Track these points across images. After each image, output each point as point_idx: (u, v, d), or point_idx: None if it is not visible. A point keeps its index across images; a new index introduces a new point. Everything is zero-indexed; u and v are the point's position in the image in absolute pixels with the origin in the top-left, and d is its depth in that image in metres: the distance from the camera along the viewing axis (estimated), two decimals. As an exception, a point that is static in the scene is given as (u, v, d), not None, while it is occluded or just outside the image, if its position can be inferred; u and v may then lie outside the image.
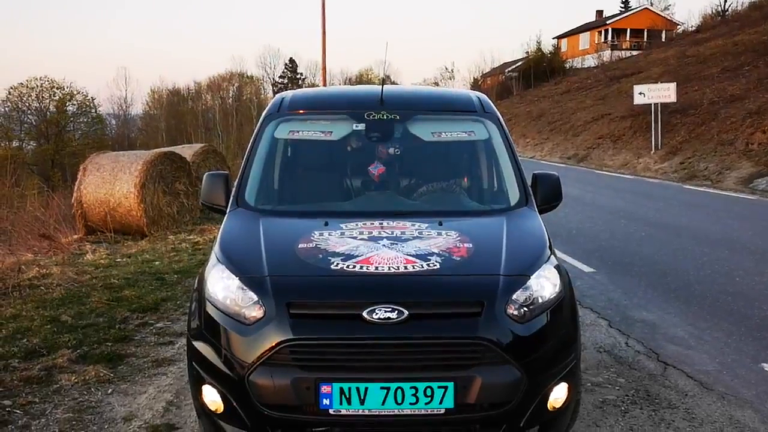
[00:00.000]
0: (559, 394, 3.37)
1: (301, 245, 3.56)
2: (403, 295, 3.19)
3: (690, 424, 4.16)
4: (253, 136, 4.60)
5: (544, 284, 3.44)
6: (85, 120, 53.25)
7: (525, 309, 3.28)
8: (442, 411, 3.10)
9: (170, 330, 6.01)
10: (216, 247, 3.74)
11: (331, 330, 3.16)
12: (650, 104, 23.92)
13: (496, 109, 4.84)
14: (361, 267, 3.33)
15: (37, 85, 50.50)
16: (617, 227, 11.63)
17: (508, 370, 3.16)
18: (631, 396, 4.58)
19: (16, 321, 6.16)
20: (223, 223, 4.03)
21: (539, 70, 54.64)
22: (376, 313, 3.10)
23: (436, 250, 3.49)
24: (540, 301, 3.36)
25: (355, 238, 3.64)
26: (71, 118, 52.40)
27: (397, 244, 3.56)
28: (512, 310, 3.24)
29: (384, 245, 3.54)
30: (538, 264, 3.52)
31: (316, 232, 3.71)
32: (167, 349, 5.53)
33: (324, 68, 25.25)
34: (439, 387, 3.09)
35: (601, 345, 5.65)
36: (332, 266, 3.34)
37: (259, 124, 4.68)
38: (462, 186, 4.62)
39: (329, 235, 3.68)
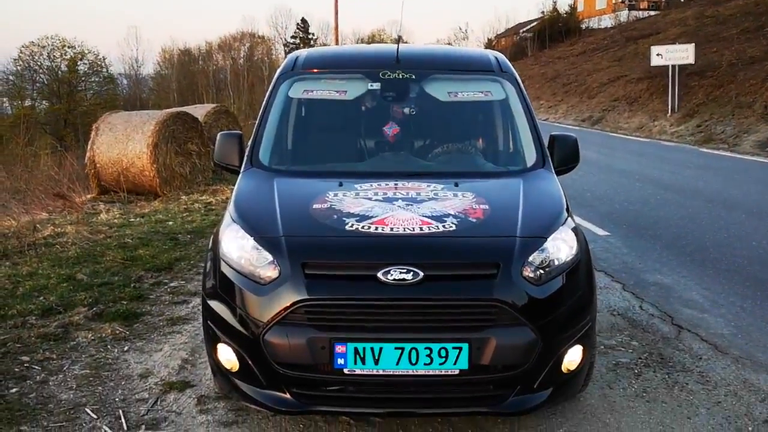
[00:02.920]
0: (573, 357, 3.37)
1: (315, 206, 3.54)
2: (419, 257, 3.18)
3: (704, 387, 4.15)
4: (266, 95, 4.55)
5: (561, 246, 3.41)
6: (97, 80, 53.03)
7: (541, 271, 3.26)
8: (457, 372, 3.11)
9: (184, 289, 6.04)
10: (230, 207, 3.73)
11: (346, 290, 3.16)
12: (667, 66, 23.53)
13: (513, 69, 4.76)
14: (377, 228, 3.31)
15: (48, 44, 50.16)
16: (632, 190, 11.54)
17: (523, 332, 3.15)
18: (644, 359, 4.57)
19: (33, 279, 6.22)
20: (237, 183, 4.02)
21: (554, 31, 53.79)
22: (391, 274, 3.09)
23: (452, 212, 3.46)
24: (556, 263, 3.34)
25: (369, 198, 3.62)
26: (83, 78, 52.18)
27: (412, 205, 3.54)
28: (528, 272, 3.22)
29: (399, 206, 3.52)
30: (555, 226, 3.49)
31: (330, 193, 3.68)
32: (182, 308, 5.57)
33: (336, 28, 24.98)
34: (454, 348, 3.09)
35: (614, 308, 5.63)
36: (347, 227, 3.32)
37: (272, 83, 4.63)
38: (478, 147, 4.57)
39: (344, 195, 3.66)
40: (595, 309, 3.66)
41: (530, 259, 3.27)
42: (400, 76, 4.51)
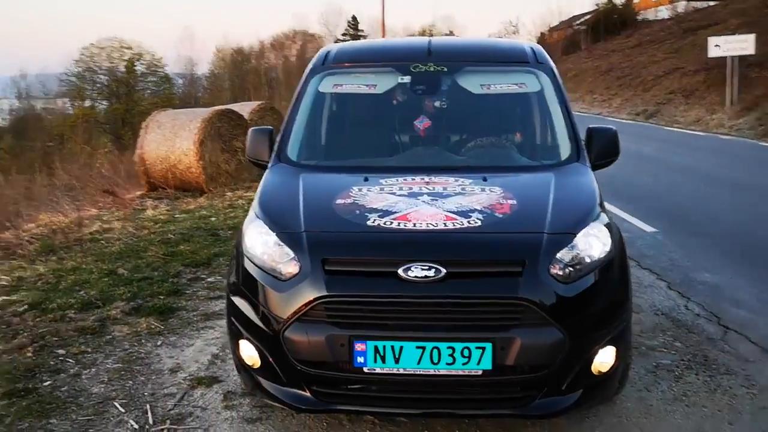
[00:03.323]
0: (605, 358, 3.23)
1: (338, 201, 3.48)
2: (441, 253, 3.09)
3: (748, 391, 3.94)
4: (297, 90, 4.52)
5: (592, 243, 3.27)
6: (154, 80, 54.27)
7: (570, 269, 3.13)
8: (480, 372, 3.01)
9: (221, 285, 6.06)
10: (255, 203, 3.71)
11: (366, 287, 3.09)
12: (726, 57, 22.69)
13: (550, 60, 4.62)
14: (399, 223, 3.23)
15: (107, 46, 51.61)
16: (685, 186, 11.15)
17: (549, 332, 3.03)
18: (687, 361, 4.38)
19: (76, 273, 6.35)
20: (263, 178, 3.99)
21: (609, 23, 52.50)
22: (412, 271, 3.01)
23: (478, 207, 3.36)
24: (587, 260, 3.20)
25: (394, 194, 3.54)
26: (140, 78, 53.52)
27: (437, 200, 3.45)
28: (556, 270, 3.10)
29: (424, 201, 3.43)
30: (585, 221, 3.35)
31: (354, 188, 3.62)
32: (216, 303, 5.59)
33: (383, 24, 24.94)
34: (477, 348, 2.99)
35: (658, 307, 5.42)
36: (368, 222, 3.26)
37: (303, 78, 4.60)
38: (511, 140, 4.45)
39: (368, 190, 3.59)
40: (630, 308, 3.49)
41: (558, 256, 3.14)
42: (432, 69, 4.42)
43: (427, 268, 3.02)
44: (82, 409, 3.80)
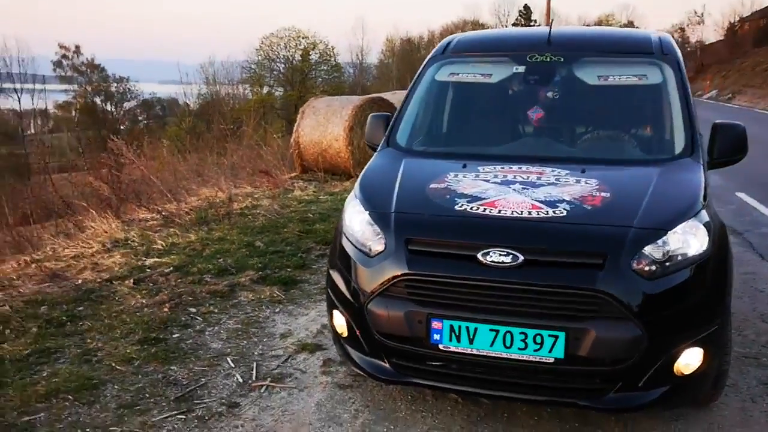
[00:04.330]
0: (689, 359, 3.13)
1: (432, 185, 3.62)
2: (520, 240, 3.14)
3: None
4: (414, 77, 4.69)
5: (686, 240, 3.17)
6: (325, 68, 56.74)
7: (657, 265, 3.07)
8: (551, 360, 3.04)
9: (345, 262, 6.39)
10: (357, 183, 3.93)
11: (446, 268, 3.21)
12: None
13: (678, 51, 4.44)
14: (485, 209, 3.32)
15: (285, 35, 54.71)
16: None
17: (626, 327, 3.00)
18: (809, 377, 4.06)
19: (220, 243, 6.96)
20: (370, 160, 4.21)
21: (810, 12, 47.57)
22: (490, 256, 3.10)
23: (567, 198, 3.36)
24: (678, 258, 3.12)
25: (487, 181, 3.62)
26: (313, 66, 56.16)
27: (528, 189, 3.48)
28: (641, 266, 3.05)
29: (514, 189, 3.48)
30: (680, 219, 3.23)
31: (451, 174, 3.74)
32: (337, 279, 5.91)
33: (548, 12, 24.35)
34: (550, 335, 3.03)
35: (794, 319, 5.02)
36: (456, 207, 3.37)
37: (422, 66, 4.75)
38: (623, 133, 4.33)
39: (463, 177, 3.70)
40: (727, 311, 3.34)
41: (645, 251, 3.08)
42: (548, 59, 4.41)
43: (505, 254, 3.09)
44: (199, 361, 4.25)
